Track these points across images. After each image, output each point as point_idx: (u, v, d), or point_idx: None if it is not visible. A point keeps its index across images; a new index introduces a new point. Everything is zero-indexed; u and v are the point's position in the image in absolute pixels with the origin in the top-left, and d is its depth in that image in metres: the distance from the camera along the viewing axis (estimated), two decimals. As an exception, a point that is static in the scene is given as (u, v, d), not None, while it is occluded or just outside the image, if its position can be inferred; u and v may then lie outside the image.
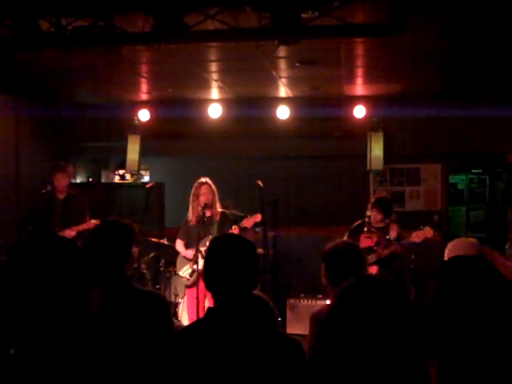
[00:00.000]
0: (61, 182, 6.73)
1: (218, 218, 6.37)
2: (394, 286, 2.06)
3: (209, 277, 2.27)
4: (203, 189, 6.32)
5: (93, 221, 6.56)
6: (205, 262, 2.30)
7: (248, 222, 6.38)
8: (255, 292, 2.86)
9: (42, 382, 1.54)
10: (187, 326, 2.53)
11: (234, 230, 6.18)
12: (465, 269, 2.24)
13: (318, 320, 3.21)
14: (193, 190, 6.40)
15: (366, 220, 6.31)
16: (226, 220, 6.43)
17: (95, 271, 2.80)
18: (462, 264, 2.30)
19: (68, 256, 1.69)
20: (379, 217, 6.25)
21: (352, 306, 1.87)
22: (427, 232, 5.95)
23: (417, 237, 5.98)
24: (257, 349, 2.12)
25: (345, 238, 6.55)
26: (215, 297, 2.25)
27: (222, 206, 6.53)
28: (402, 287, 6.74)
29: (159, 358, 2.18)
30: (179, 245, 6.51)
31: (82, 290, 1.69)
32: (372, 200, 6.47)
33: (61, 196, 6.77)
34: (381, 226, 6.26)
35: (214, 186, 6.39)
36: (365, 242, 6.06)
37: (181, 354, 2.16)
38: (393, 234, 6.25)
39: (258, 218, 6.39)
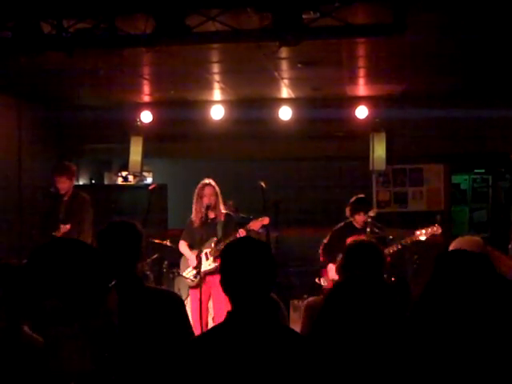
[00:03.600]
0: (61, 184, 6.57)
1: (222, 219, 6.36)
2: (384, 285, 2.09)
3: (226, 281, 2.26)
4: (206, 190, 6.31)
5: (65, 226, 6.36)
6: (221, 266, 2.29)
7: (255, 225, 6.33)
8: None
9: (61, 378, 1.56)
10: (208, 331, 2.53)
11: (241, 232, 6.14)
12: (464, 263, 2.21)
13: (313, 308, 3.26)
14: (196, 191, 6.39)
15: (351, 221, 6.29)
16: (231, 222, 6.41)
17: (109, 272, 2.81)
18: (461, 258, 2.27)
19: (85, 258, 1.71)
20: (363, 218, 6.19)
21: (342, 300, 2.08)
22: (435, 229, 5.82)
23: (421, 234, 5.87)
24: (276, 351, 2.13)
25: (325, 240, 6.51)
26: (233, 300, 2.24)
27: (227, 208, 6.50)
28: (402, 287, 6.71)
29: (180, 363, 2.18)
30: (183, 246, 6.50)
31: (100, 289, 1.72)
32: (353, 203, 6.32)
33: (65, 197, 6.63)
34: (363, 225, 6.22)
35: (217, 188, 6.37)
36: None
37: (202, 359, 2.16)
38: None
39: (266, 221, 6.35)
